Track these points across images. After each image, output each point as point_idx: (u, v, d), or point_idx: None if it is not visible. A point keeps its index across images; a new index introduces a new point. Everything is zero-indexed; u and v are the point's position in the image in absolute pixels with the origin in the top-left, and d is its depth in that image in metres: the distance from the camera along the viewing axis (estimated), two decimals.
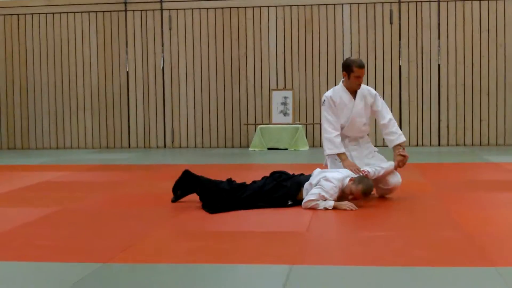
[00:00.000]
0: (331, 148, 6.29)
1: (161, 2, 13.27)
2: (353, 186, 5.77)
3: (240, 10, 13.09)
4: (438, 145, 12.70)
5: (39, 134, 13.77)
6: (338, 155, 6.29)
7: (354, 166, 6.11)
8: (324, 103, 6.37)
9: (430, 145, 12.71)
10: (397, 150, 6.28)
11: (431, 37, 12.63)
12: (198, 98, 13.28)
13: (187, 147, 13.35)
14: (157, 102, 13.38)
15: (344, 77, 6.35)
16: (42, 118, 13.71)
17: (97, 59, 13.51)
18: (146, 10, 13.33)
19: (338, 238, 4.83)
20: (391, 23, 12.69)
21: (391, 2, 12.68)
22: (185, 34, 13.26)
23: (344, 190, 5.85)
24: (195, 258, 4.12)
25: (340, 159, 6.28)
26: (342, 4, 12.82)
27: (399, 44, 12.69)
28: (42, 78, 13.67)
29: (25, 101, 13.75)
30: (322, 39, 12.89)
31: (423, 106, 12.68)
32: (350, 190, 5.79)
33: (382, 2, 12.70)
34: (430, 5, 12.62)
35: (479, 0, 12.51)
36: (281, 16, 12.98)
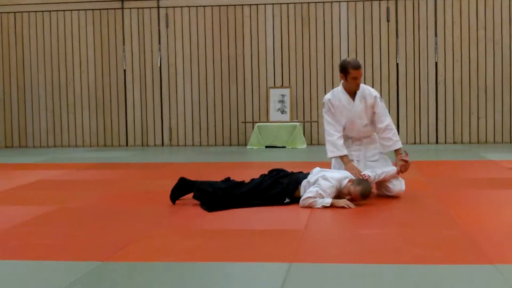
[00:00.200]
0: (333, 150, 6.28)
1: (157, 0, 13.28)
2: (351, 187, 5.77)
3: (237, 7, 13.09)
4: (436, 142, 12.71)
5: (37, 133, 13.75)
6: (340, 158, 6.29)
7: (355, 169, 6.11)
8: (324, 106, 6.37)
9: (428, 142, 12.72)
10: (399, 155, 6.25)
11: (428, 34, 12.64)
12: (196, 96, 13.27)
13: (185, 145, 13.34)
14: (154, 100, 13.37)
15: (341, 79, 6.32)
16: (40, 116, 13.70)
17: (94, 57, 13.50)
18: (143, 8, 13.32)
19: (336, 236, 4.83)
20: (388, 21, 12.70)
21: (388, 0, 12.69)
22: (182, 32, 13.25)
23: (342, 191, 5.85)
24: (193, 256, 4.11)
25: (342, 162, 6.28)
26: (339, 1, 12.82)
27: (396, 41, 12.69)
28: (40, 76, 13.65)
29: (22, 99, 13.73)
30: (319, 37, 12.89)
31: (420, 104, 12.69)
32: (348, 191, 5.79)
33: (379, 0, 12.70)
34: (427, 2, 12.62)
35: None
36: (278, 13, 12.98)
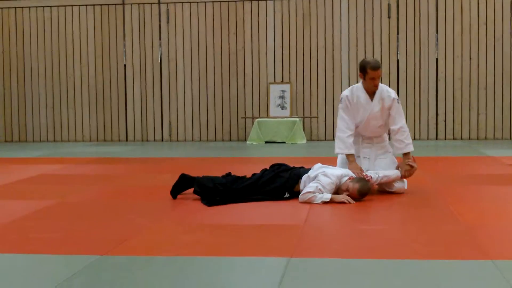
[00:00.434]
0: (342, 148, 6.28)
1: None
2: (350, 184, 5.79)
3: (237, 3, 13.08)
4: (436, 139, 12.71)
5: (37, 127, 13.76)
6: (346, 156, 6.29)
7: (358, 169, 6.12)
8: (341, 102, 6.33)
9: (428, 139, 12.72)
10: (406, 159, 6.25)
11: (429, 31, 12.63)
12: (196, 92, 13.27)
13: (185, 141, 13.35)
14: (154, 95, 13.37)
15: (360, 78, 6.29)
16: (40, 111, 13.70)
17: (94, 53, 13.49)
18: (143, 4, 13.31)
19: (336, 231, 4.83)
20: (389, 17, 12.69)
21: None
22: (182, 28, 13.24)
23: (340, 187, 5.86)
24: (193, 250, 4.12)
25: (347, 160, 6.29)
26: None
27: (397, 38, 12.69)
28: (40, 72, 13.65)
29: (22, 94, 13.73)
30: (320, 33, 12.88)
31: (421, 100, 12.69)
32: (346, 187, 5.80)
33: None
34: None
35: None
36: (279, 9, 12.97)
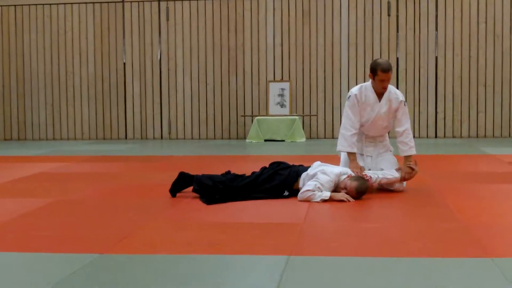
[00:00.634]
0: (345, 145, 6.27)
1: None
2: (348, 182, 5.79)
3: (237, 1, 13.07)
4: (435, 137, 12.71)
5: (36, 125, 13.75)
6: (348, 154, 6.29)
7: (358, 168, 6.12)
8: (349, 99, 6.31)
9: (427, 137, 12.72)
10: (407, 162, 6.24)
11: (429, 28, 12.63)
12: (195, 90, 13.27)
13: (184, 139, 13.35)
14: (154, 93, 13.37)
15: (370, 78, 6.27)
16: (39, 109, 13.70)
17: (94, 50, 13.49)
18: (143, 1, 13.30)
19: (335, 229, 4.83)
20: (389, 15, 12.68)
21: None
22: (182, 25, 13.24)
23: (339, 185, 5.87)
24: (192, 249, 4.12)
25: (348, 158, 6.29)
26: None
27: (397, 36, 12.68)
28: (39, 69, 13.65)
29: (21, 92, 13.73)
30: (320, 31, 12.88)
31: (420, 98, 12.69)
32: (344, 185, 5.81)
33: None
34: None
35: None
36: (278, 7, 12.96)
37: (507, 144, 11.25)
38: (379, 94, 6.29)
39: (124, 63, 13.42)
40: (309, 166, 6.05)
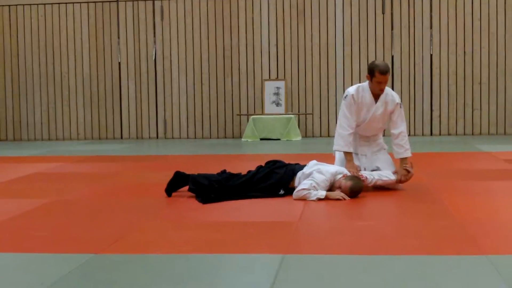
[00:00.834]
0: (342, 145, 6.27)
1: None
2: (343, 181, 5.81)
3: (232, 0, 13.06)
4: (430, 134, 12.72)
5: (31, 125, 13.73)
6: (344, 154, 6.30)
7: (355, 168, 6.14)
8: (345, 99, 6.30)
9: (422, 134, 12.74)
10: (403, 164, 6.24)
11: (423, 26, 12.64)
12: (191, 89, 13.26)
13: (180, 138, 13.34)
14: (149, 92, 13.36)
15: (367, 79, 6.28)
16: (34, 109, 13.68)
17: (89, 50, 13.47)
18: (138, 1, 13.29)
19: (330, 227, 4.84)
20: (383, 13, 12.69)
21: None
22: (177, 25, 13.23)
23: (334, 184, 5.88)
24: (188, 248, 4.12)
25: (345, 158, 6.30)
26: None
27: (391, 33, 12.69)
28: (34, 69, 13.63)
29: (16, 92, 13.71)
30: (315, 29, 12.88)
31: (415, 96, 12.70)
32: (339, 184, 5.82)
33: None
34: None
35: None
36: (273, 5, 12.96)
37: (502, 141, 11.27)
38: (376, 96, 6.29)
39: (119, 63, 13.41)
40: (305, 165, 6.06)
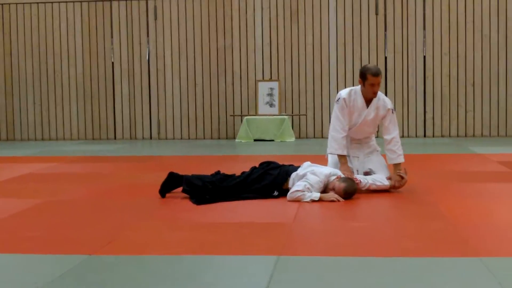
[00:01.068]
0: (335, 148, 6.29)
1: None
2: (336, 183, 5.82)
3: (226, 0, 13.06)
4: (424, 136, 12.75)
5: (24, 125, 13.69)
6: (338, 157, 6.31)
7: (349, 171, 6.15)
8: (337, 102, 6.31)
9: (416, 136, 12.76)
10: (397, 170, 6.25)
11: (417, 28, 12.66)
12: (184, 89, 13.25)
13: (173, 139, 13.33)
14: (142, 93, 13.34)
15: (360, 84, 6.29)
16: (27, 109, 13.63)
17: (82, 50, 13.44)
18: (131, 0, 13.27)
19: (325, 229, 4.84)
20: (377, 14, 12.71)
21: None
22: (170, 25, 13.21)
23: (327, 185, 5.88)
24: (182, 249, 4.12)
25: (339, 161, 6.31)
26: None
27: (385, 35, 12.71)
28: (27, 69, 13.59)
29: (10, 92, 13.66)
30: (308, 30, 12.89)
31: (409, 97, 12.72)
32: (333, 186, 5.83)
33: None
34: None
35: None
36: (267, 6, 12.96)
37: (496, 143, 11.30)
38: (368, 101, 6.31)
39: (112, 63, 13.38)
40: (299, 166, 6.06)
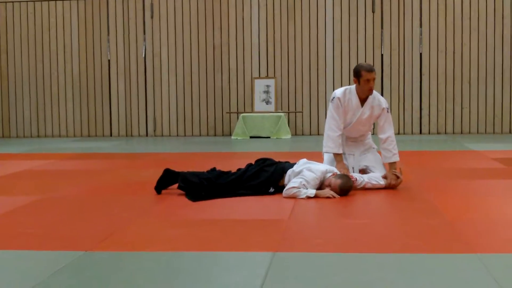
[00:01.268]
0: (331, 147, 6.31)
1: None
2: (332, 179, 5.82)
3: None
4: (420, 133, 12.76)
5: (20, 123, 13.67)
6: (334, 155, 6.32)
7: (345, 170, 6.16)
8: (332, 101, 6.33)
9: (412, 133, 12.77)
10: (392, 169, 6.25)
11: (413, 25, 12.67)
12: (180, 87, 13.24)
13: (169, 136, 13.32)
14: (139, 90, 13.32)
15: (355, 83, 6.30)
16: (23, 106, 13.61)
17: (78, 47, 13.42)
18: None
19: (320, 225, 4.84)
20: (373, 12, 12.71)
21: None
22: (167, 22, 13.20)
23: (323, 182, 5.89)
24: (178, 246, 4.12)
25: (335, 159, 6.32)
26: None
27: (381, 32, 12.71)
28: (23, 66, 13.56)
29: (5, 89, 13.64)
30: (305, 27, 12.88)
31: (405, 94, 12.73)
32: (329, 183, 5.84)
33: None
34: None
35: None
36: (263, 4, 12.95)
37: (491, 140, 11.32)
38: (363, 100, 6.33)
39: (108, 60, 13.36)
40: (295, 163, 6.06)
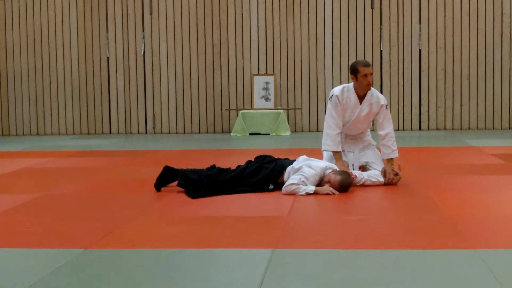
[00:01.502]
0: (330, 145, 6.31)
1: None
2: (332, 176, 5.83)
3: None
4: (419, 129, 12.76)
5: (19, 120, 13.66)
6: (334, 153, 6.33)
7: (344, 167, 6.16)
8: (331, 99, 6.33)
9: (411, 129, 12.77)
10: (391, 166, 6.26)
11: (412, 21, 12.66)
12: (180, 84, 13.23)
13: (169, 133, 13.31)
14: (138, 87, 13.32)
15: (352, 80, 6.30)
16: (22, 104, 13.60)
17: (77, 45, 13.41)
18: None
19: (320, 222, 4.85)
20: (373, 8, 12.70)
21: None
22: (166, 19, 13.19)
23: (323, 179, 5.89)
24: (178, 243, 4.12)
25: (334, 157, 6.32)
26: None
27: (380, 29, 12.71)
28: (22, 64, 13.55)
29: (4, 86, 13.63)
30: (304, 24, 12.88)
31: (404, 91, 12.73)
32: (328, 179, 5.84)
33: None
34: None
35: None
36: (262, 0, 12.94)
37: (491, 136, 11.32)
38: (361, 97, 6.32)
39: (107, 58, 13.35)
40: (294, 160, 6.06)
